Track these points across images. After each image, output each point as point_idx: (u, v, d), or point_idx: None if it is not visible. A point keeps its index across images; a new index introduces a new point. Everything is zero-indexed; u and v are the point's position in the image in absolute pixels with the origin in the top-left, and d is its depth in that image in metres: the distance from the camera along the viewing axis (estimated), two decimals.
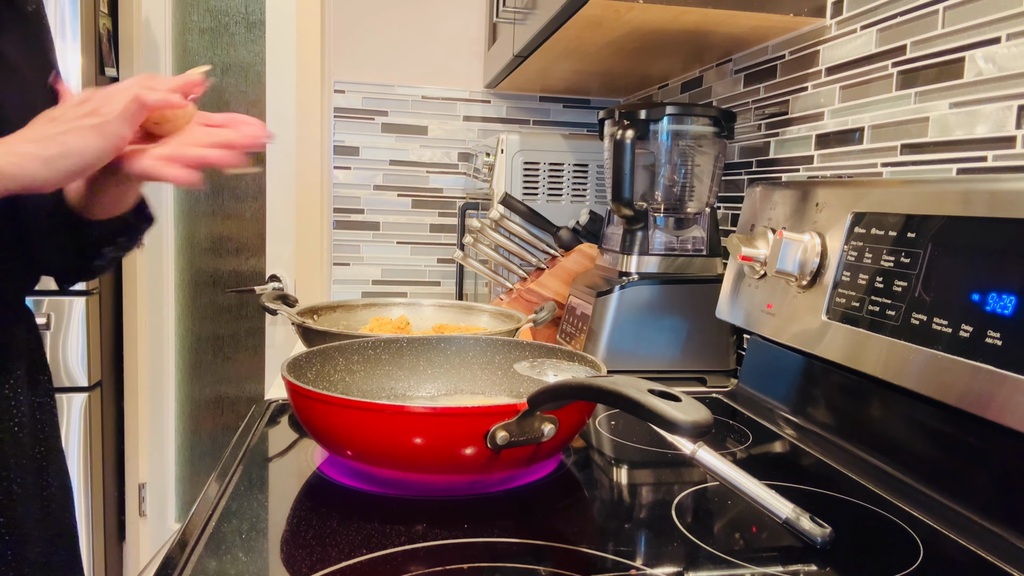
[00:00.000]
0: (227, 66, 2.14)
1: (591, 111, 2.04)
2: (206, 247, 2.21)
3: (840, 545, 0.59)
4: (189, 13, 2.12)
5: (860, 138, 0.97)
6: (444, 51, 1.99)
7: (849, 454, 0.80)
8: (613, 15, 1.08)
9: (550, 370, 0.78)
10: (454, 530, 0.59)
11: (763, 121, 1.20)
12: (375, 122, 1.98)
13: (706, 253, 1.18)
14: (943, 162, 0.84)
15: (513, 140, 1.57)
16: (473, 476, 0.66)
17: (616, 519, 0.65)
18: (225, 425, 2.27)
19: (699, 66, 1.44)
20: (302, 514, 0.63)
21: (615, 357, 1.13)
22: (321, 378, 0.81)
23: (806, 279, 0.89)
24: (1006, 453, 0.62)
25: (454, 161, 2.03)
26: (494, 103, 2.01)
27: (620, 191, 1.12)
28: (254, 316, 2.21)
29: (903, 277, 0.74)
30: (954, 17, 0.83)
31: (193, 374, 2.25)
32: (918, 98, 0.88)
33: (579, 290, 1.25)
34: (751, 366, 1.03)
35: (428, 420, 0.62)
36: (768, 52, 1.19)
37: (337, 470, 0.72)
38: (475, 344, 0.90)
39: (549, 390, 0.61)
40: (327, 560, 0.54)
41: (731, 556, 0.57)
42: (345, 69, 1.96)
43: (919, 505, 0.67)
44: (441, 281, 2.07)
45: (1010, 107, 0.76)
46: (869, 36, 0.96)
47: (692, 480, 0.73)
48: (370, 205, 2.01)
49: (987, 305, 0.63)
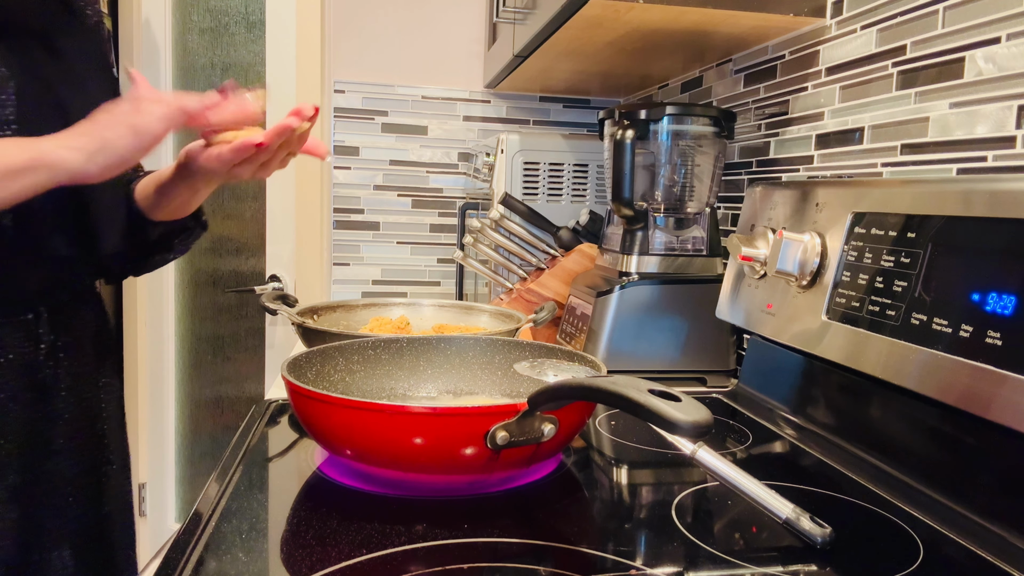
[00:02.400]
0: (227, 66, 2.14)
1: (591, 111, 2.04)
2: (206, 247, 2.21)
3: (840, 545, 0.59)
4: (189, 13, 2.12)
5: (860, 138, 0.97)
6: (444, 51, 1.99)
7: (849, 454, 0.80)
8: (613, 15, 1.08)
9: (550, 370, 0.78)
10: (454, 530, 0.59)
11: (763, 121, 1.20)
12: (375, 122, 1.98)
13: (706, 253, 1.18)
14: (943, 162, 0.84)
15: (513, 140, 1.57)
16: (473, 476, 0.66)
17: (616, 519, 0.65)
18: (225, 425, 2.27)
19: (699, 66, 1.44)
20: (302, 514, 0.63)
21: (615, 357, 1.13)
22: (321, 378, 0.81)
23: (806, 279, 0.89)
24: (1006, 453, 0.62)
25: (454, 161, 2.03)
26: (494, 103, 2.01)
27: (620, 191, 1.12)
28: (254, 316, 2.20)
29: (903, 277, 0.74)
30: (954, 17, 0.83)
31: (193, 374, 2.25)
32: (918, 98, 0.88)
33: (579, 290, 1.25)
34: (751, 366, 1.03)
35: (428, 420, 0.62)
36: (768, 52, 1.19)
37: (337, 470, 0.72)
38: (475, 344, 0.90)
39: (549, 390, 0.61)
40: (327, 560, 0.54)
41: (731, 556, 0.57)
42: (345, 69, 1.96)
43: (919, 505, 0.67)
44: (441, 281, 2.07)
45: (1010, 107, 0.76)
46: (869, 36, 0.96)
47: (692, 480, 0.73)
48: (370, 205, 2.01)
49: (987, 305, 0.63)
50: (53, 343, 0.89)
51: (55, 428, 0.89)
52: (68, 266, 0.90)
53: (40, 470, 0.88)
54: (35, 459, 0.87)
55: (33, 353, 0.87)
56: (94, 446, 0.95)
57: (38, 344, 0.88)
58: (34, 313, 0.87)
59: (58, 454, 0.90)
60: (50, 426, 0.89)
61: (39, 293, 0.88)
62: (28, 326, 0.87)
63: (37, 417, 0.87)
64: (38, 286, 0.87)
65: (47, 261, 0.87)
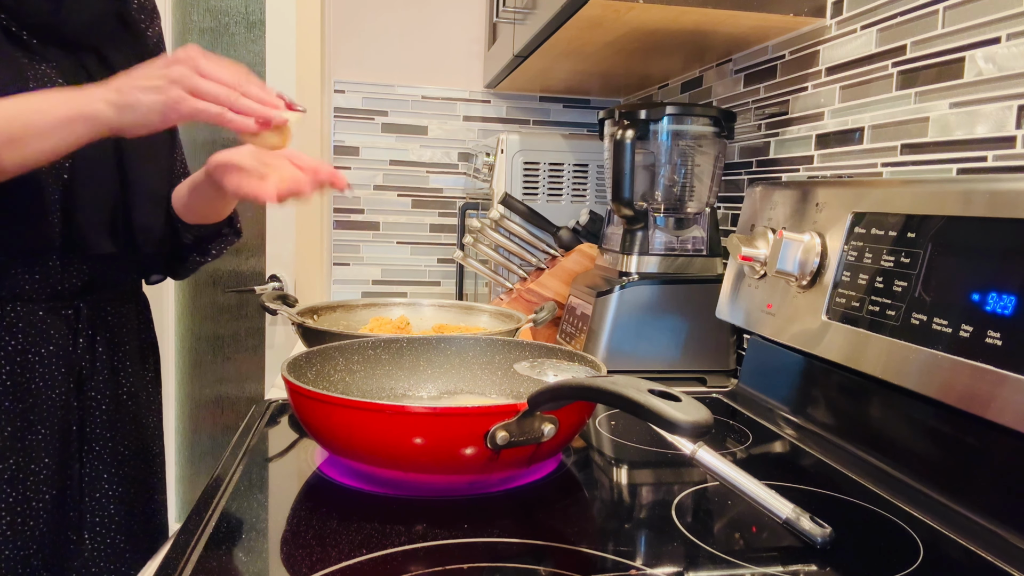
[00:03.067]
0: None
1: (591, 111, 2.04)
2: None
3: (840, 545, 0.59)
4: (189, 13, 2.12)
5: (860, 138, 0.97)
6: (444, 51, 1.99)
7: (849, 454, 0.80)
8: (613, 15, 1.08)
9: (550, 370, 0.78)
10: (454, 530, 0.59)
11: (763, 121, 1.20)
12: (375, 122, 1.98)
13: (706, 253, 1.18)
14: (943, 162, 0.84)
15: (513, 140, 1.57)
16: (473, 476, 0.66)
17: (616, 519, 0.65)
18: (225, 425, 2.27)
19: (699, 66, 1.44)
20: (302, 514, 0.63)
21: (615, 357, 1.13)
22: (321, 378, 0.81)
23: (806, 279, 0.89)
24: (1006, 453, 0.62)
25: (454, 161, 2.03)
26: (494, 103, 2.01)
27: (620, 191, 1.12)
28: (254, 316, 2.20)
29: (903, 277, 0.74)
30: (954, 17, 0.83)
31: (193, 374, 2.25)
32: (918, 98, 0.88)
33: (579, 290, 1.25)
34: (751, 366, 1.03)
35: (428, 420, 0.62)
36: (768, 52, 1.19)
37: (337, 470, 0.72)
38: (475, 344, 0.90)
39: (549, 390, 0.61)
40: (327, 560, 0.54)
41: (731, 556, 0.57)
42: (345, 69, 1.96)
43: (919, 505, 0.67)
44: (441, 281, 2.07)
45: (1010, 107, 0.76)
46: (869, 36, 0.96)
47: (692, 480, 0.73)
48: (370, 205, 2.01)
49: (987, 305, 0.63)
50: (92, 337, 0.94)
51: (92, 418, 0.94)
52: (110, 265, 0.94)
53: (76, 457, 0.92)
54: (70, 446, 0.92)
55: (72, 345, 0.92)
56: (130, 437, 0.99)
57: (77, 338, 0.92)
58: (74, 309, 0.92)
59: (94, 442, 0.94)
60: (87, 416, 0.93)
61: (81, 289, 0.92)
62: (69, 320, 0.91)
63: (74, 406, 0.92)
64: (80, 283, 0.92)
65: (89, 259, 0.91)
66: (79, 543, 0.92)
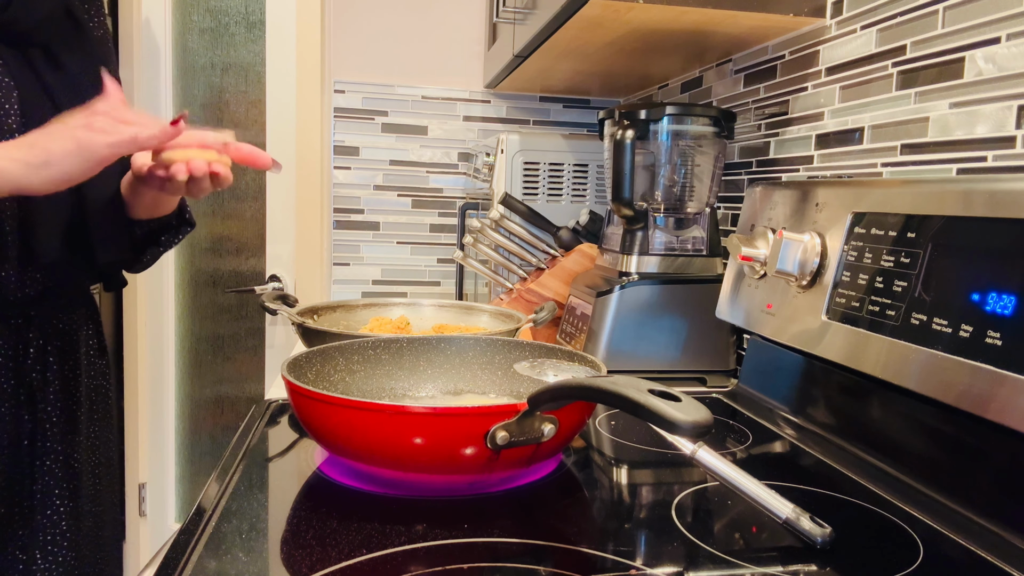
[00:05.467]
0: (227, 66, 2.14)
1: (591, 111, 2.04)
2: (206, 247, 2.21)
3: (840, 545, 0.59)
4: (189, 13, 2.12)
5: (860, 138, 0.97)
6: (444, 51, 1.99)
7: (849, 454, 0.80)
8: (613, 15, 1.08)
9: (550, 370, 0.78)
10: (454, 530, 0.59)
11: (763, 121, 1.20)
12: (375, 122, 1.98)
13: (706, 253, 1.18)
14: (943, 162, 0.84)
15: (513, 140, 1.57)
16: (473, 476, 0.66)
17: (616, 519, 0.65)
18: (225, 425, 2.27)
19: (699, 66, 1.44)
20: (302, 514, 0.63)
21: (615, 357, 1.13)
22: (321, 378, 0.81)
23: (806, 279, 0.89)
24: (1006, 453, 0.62)
25: (454, 161, 2.03)
26: (494, 103, 2.01)
27: (620, 191, 1.12)
28: (254, 316, 2.20)
29: (903, 277, 0.74)
30: (954, 17, 0.83)
31: (193, 374, 2.25)
32: (918, 98, 0.88)
33: (579, 290, 1.25)
34: (751, 366, 1.03)
35: (428, 420, 0.62)
36: (768, 52, 1.19)
37: (337, 470, 0.72)
38: (475, 344, 0.90)
39: (549, 390, 0.61)
40: (327, 560, 0.54)
41: (731, 556, 0.57)
42: (345, 69, 1.96)
43: (919, 505, 0.67)
44: (441, 281, 2.07)
45: (1010, 107, 0.76)
46: (869, 36, 0.96)
47: (692, 480, 0.73)
48: (370, 205, 2.01)
49: (987, 305, 0.63)
50: (43, 347, 0.90)
51: (43, 431, 0.90)
52: (62, 273, 0.91)
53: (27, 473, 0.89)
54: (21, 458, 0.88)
55: (22, 356, 0.88)
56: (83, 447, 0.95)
57: (28, 348, 0.89)
58: (24, 318, 0.88)
59: (45, 454, 0.90)
60: (38, 429, 0.90)
61: (32, 299, 0.89)
62: (18, 330, 0.88)
63: (25, 419, 0.88)
64: (34, 292, 0.88)
65: (41, 268, 0.88)
66: (29, 563, 0.88)
